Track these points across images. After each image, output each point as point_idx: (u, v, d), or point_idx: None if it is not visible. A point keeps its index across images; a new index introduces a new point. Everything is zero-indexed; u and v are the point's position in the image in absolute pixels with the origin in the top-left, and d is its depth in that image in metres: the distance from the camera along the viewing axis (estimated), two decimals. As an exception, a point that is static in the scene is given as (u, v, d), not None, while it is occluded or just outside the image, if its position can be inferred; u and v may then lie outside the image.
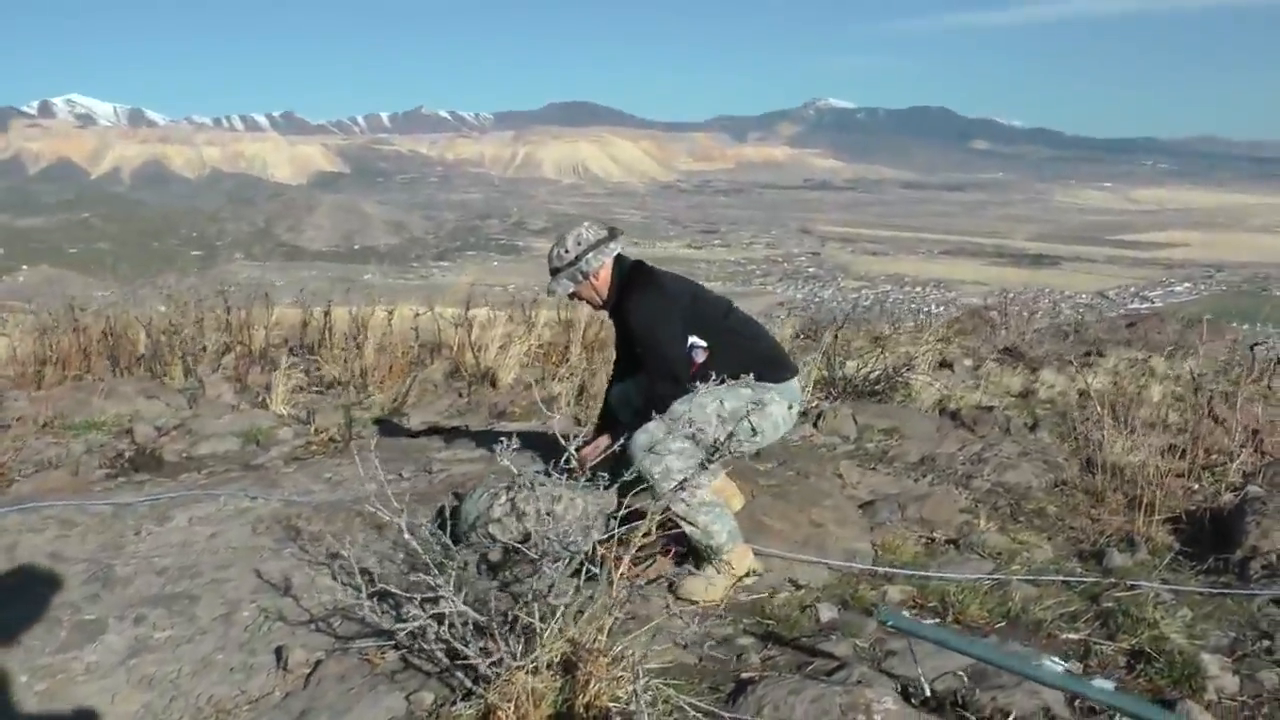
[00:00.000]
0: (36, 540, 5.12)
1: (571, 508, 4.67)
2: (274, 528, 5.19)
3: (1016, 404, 10.09)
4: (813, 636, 4.31)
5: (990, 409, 9.05)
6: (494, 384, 10.20)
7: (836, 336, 11.43)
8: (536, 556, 3.89)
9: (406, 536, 3.67)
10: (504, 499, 4.57)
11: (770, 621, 4.47)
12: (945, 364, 12.19)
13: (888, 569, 5.18)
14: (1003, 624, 4.50)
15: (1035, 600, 4.72)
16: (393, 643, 3.87)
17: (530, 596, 3.57)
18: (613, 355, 5.83)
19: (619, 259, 5.21)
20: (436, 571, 3.58)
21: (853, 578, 5.08)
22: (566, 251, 5.10)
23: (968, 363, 12.75)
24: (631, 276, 5.17)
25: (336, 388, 9.69)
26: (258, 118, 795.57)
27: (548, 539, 3.84)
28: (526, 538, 4.30)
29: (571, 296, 5.23)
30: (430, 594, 3.55)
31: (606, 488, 4.20)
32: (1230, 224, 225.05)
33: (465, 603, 3.55)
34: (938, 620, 4.52)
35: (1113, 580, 5.07)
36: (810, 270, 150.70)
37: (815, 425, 8.00)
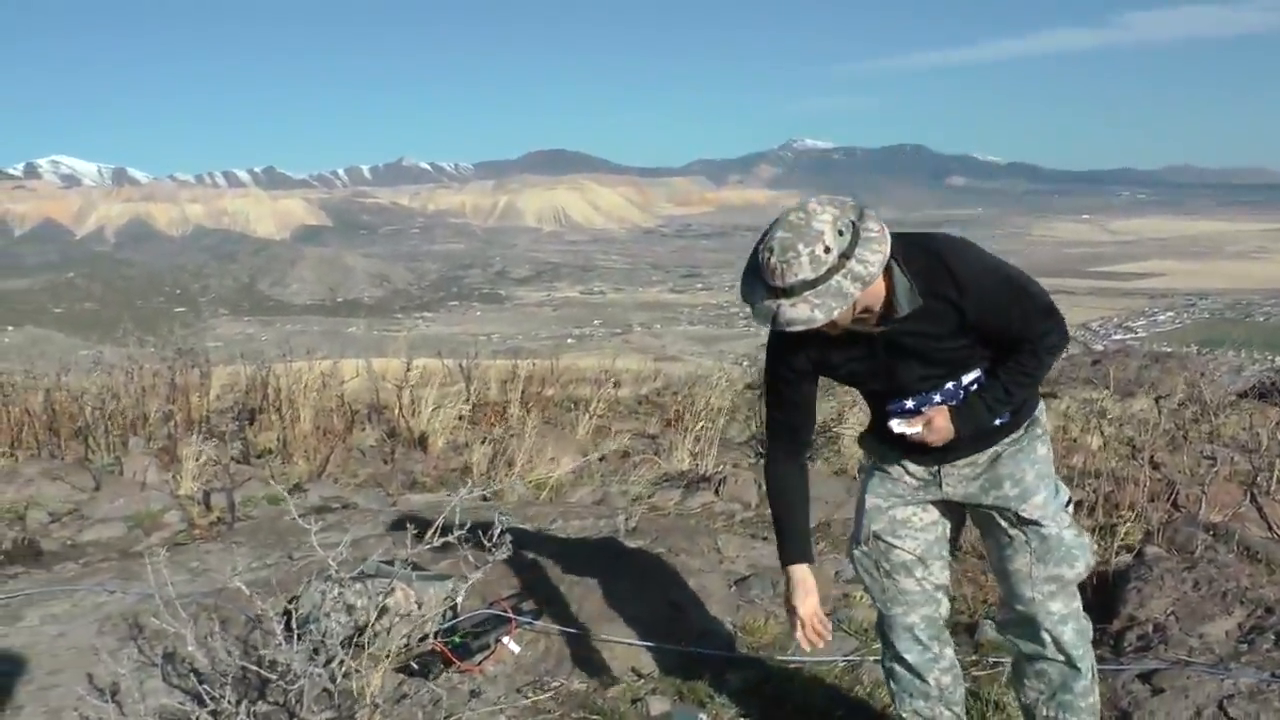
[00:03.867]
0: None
1: (406, 601, 4.58)
2: (120, 626, 5.06)
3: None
4: (636, 732, 4.23)
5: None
6: (425, 448, 10.07)
7: (760, 394, 11.27)
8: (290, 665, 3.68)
9: (190, 648, 3.57)
10: (335, 592, 4.44)
11: (597, 717, 4.37)
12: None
13: (725, 653, 5.01)
14: (841, 713, 4.39)
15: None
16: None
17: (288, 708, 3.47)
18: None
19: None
20: (206, 690, 3.48)
21: (701, 663, 4.91)
22: (825, 250, 3.06)
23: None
24: (921, 244, 3.36)
25: (266, 456, 9.56)
26: (239, 173, 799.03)
27: (311, 644, 3.70)
28: (361, 631, 4.20)
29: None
30: (208, 709, 3.46)
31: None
32: (1208, 252, 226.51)
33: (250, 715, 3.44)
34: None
35: (976, 657, 4.96)
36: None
37: (716, 492, 7.90)
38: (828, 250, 3.04)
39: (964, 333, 3.37)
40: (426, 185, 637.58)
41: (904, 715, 3.88)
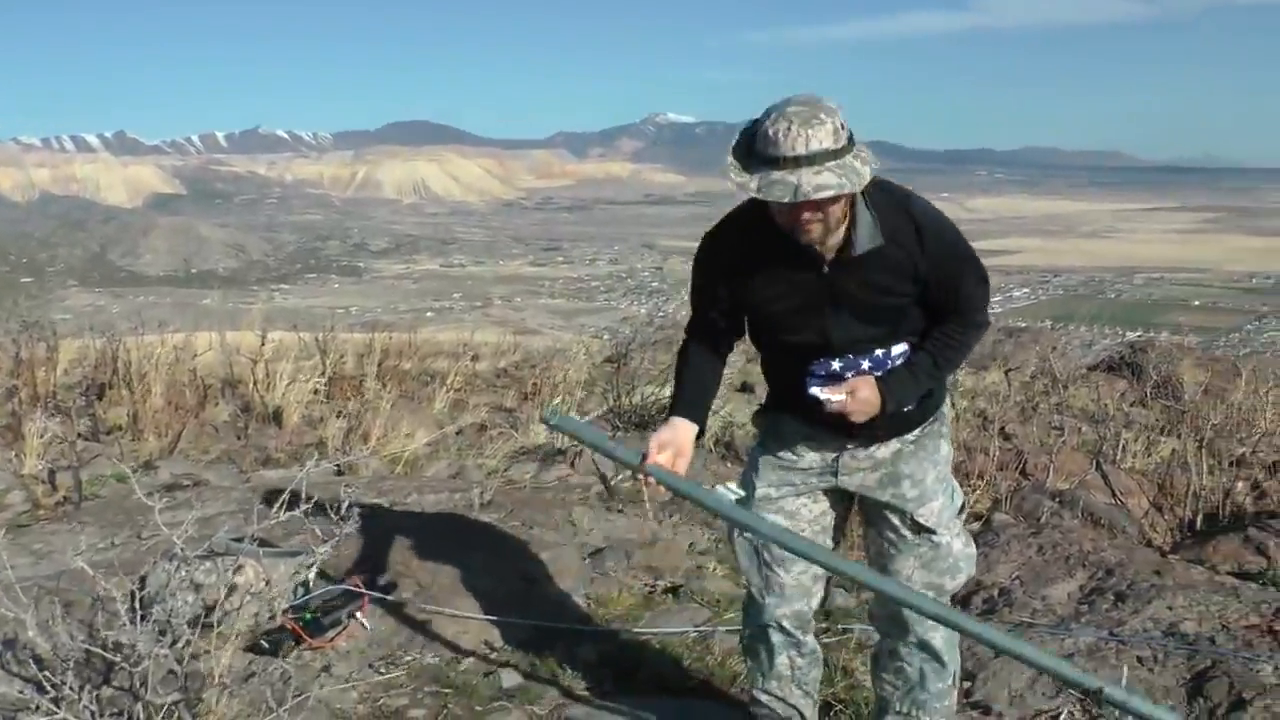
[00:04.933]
0: None
1: (256, 579, 4.52)
2: (-45, 611, 4.93)
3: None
4: (486, 705, 4.23)
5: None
6: (279, 423, 9.92)
7: (620, 366, 11.29)
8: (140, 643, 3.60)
9: (31, 634, 3.48)
10: (181, 571, 4.35)
11: (449, 690, 4.36)
12: (748, 386, 12.15)
13: (577, 626, 5.04)
14: (693, 684, 4.45)
15: (738, 652, 4.65)
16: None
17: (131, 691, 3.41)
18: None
19: None
20: (47, 677, 3.40)
21: (553, 636, 4.91)
22: (842, 125, 3.04)
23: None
24: (886, 186, 3.32)
25: (115, 433, 9.33)
26: (89, 138, 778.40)
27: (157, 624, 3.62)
28: (210, 610, 4.14)
29: (809, 212, 3.10)
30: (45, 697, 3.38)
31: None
32: (1064, 231, 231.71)
33: (90, 705, 3.37)
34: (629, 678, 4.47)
35: (825, 625, 5.04)
36: (654, 285, 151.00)
37: (572, 465, 7.91)
38: (844, 127, 3.02)
39: (912, 286, 3.31)
40: (284, 154, 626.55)
41: (755, 693, 3.87)
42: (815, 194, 2.95)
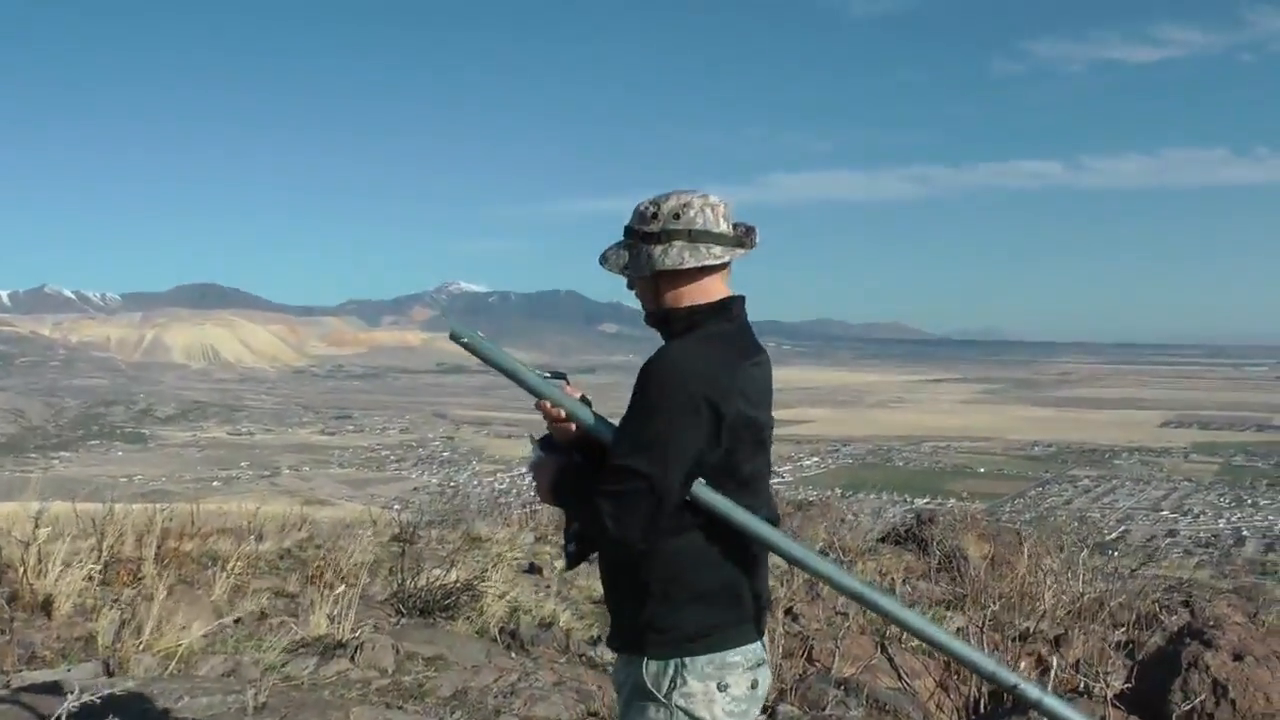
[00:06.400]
0: None
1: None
2: None
3: (596, 612, 9.86)
4: None
5: (551, 625, 8.93)
6: (49, 614, 9.43)
7: (406, 546, 11.10)
8: None
9: None
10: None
11: None
12: (535, 568, 12.01)
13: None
14: None
15: None
16: None
17: None
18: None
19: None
20: None
21: None
22: (654, 216, 3.13)
23: (559, 564, 12.61)
24: (698, 317, 3.20)
25: None
26: None
27: None
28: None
29: (632, 284, 3.30)
30: None
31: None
32: (851, 400, 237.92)
33: None
34: None
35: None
36: (445, 454, 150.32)
37: (353, 659, 7.68)
38: (655, 218, 3.15)
39: None
40: (70, 315, 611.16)
41: None
42: (599, 259, 3.26)
